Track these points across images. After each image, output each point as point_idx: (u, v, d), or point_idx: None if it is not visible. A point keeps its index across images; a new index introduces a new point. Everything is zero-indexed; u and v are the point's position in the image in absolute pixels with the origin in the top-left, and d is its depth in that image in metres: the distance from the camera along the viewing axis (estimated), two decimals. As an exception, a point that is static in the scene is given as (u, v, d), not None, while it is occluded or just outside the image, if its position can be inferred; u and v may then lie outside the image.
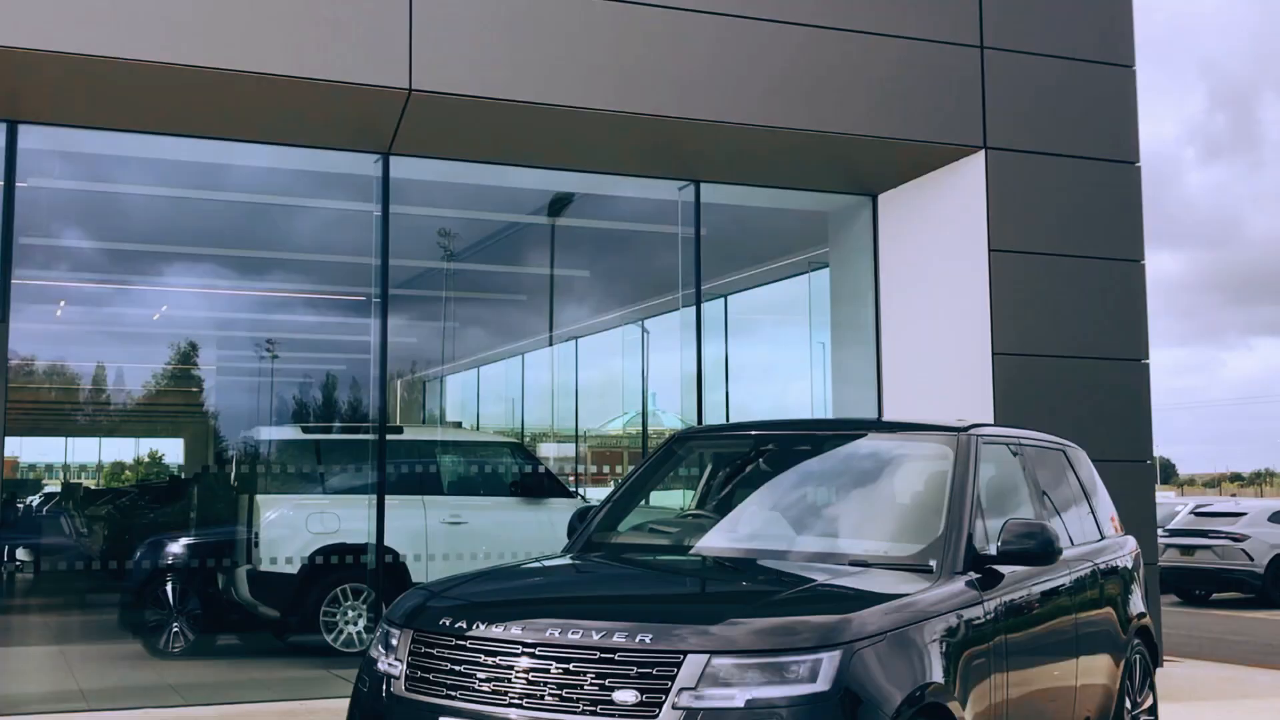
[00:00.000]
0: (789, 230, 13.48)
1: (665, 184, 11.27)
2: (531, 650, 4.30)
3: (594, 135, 9.93)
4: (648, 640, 4.18)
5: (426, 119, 9.39)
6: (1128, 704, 6.71)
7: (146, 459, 18.00)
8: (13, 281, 9.12)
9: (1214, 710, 9.20)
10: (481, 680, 4.34)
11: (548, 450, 17.88)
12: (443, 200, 12.58)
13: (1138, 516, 10.05)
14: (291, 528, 11.06)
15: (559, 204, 13.28)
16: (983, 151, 10.58)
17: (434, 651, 4.51)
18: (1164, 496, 22.70)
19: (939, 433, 5.88)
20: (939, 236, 10.99)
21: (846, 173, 11.14)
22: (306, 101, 9.02)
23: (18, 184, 9.26)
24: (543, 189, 12.23)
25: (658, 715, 4.05)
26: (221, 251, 14.21)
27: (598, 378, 18.36)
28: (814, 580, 4.92)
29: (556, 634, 4.30)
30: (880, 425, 7.30)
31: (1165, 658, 11.08)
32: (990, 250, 10.50)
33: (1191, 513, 21.26)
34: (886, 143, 10.29)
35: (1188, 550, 19.63)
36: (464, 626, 4.48)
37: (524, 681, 4.26)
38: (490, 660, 4.35)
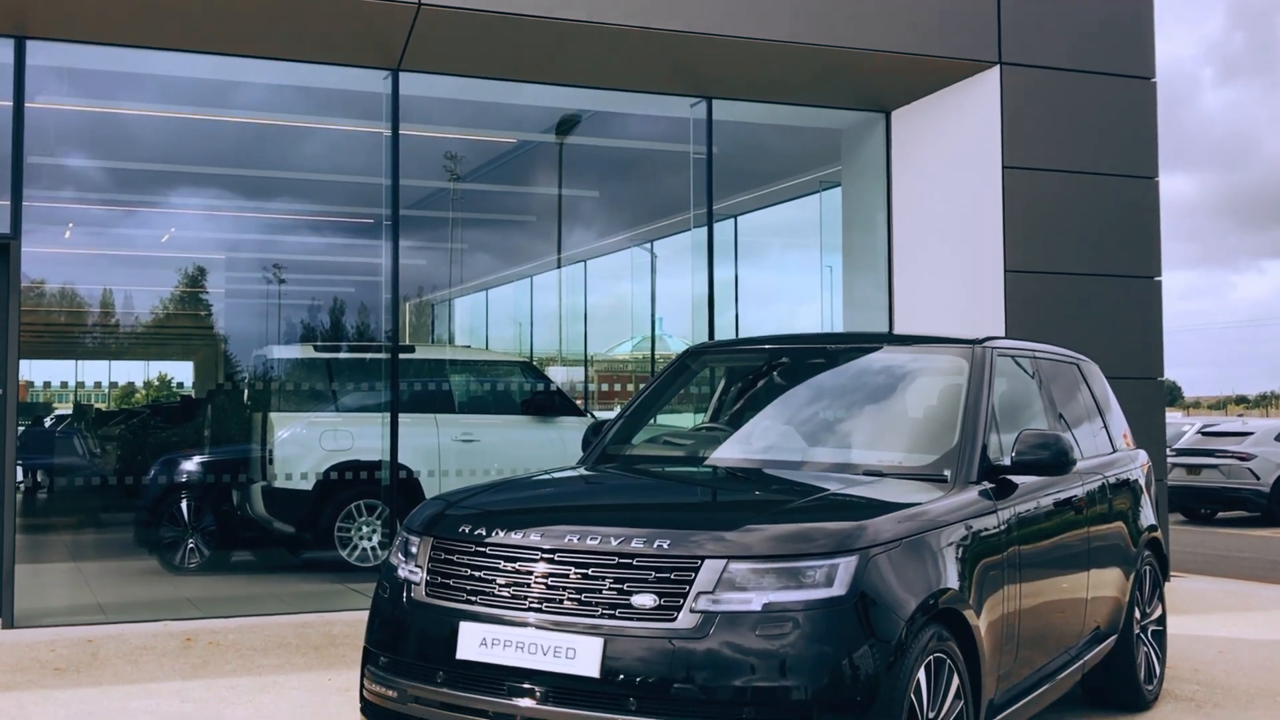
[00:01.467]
0: (801, 148, 13.40)
1: (677, 101, 11.19)
2: (550, 556, 4.34)
3: (606, 50, 9.84)
4: (665, 546, 4.22)
5: (436, 33, 9.30)
6: (1137, 614, 6.78)
7: (156, 381, 18.07)
8: (23, 204, 9.11)
9: (1219, 622, 9.31)
10: (501, 586, 4.39)
11: (555, 375, 17.93)
12: (453, 118, 12.50)
13: (1148, 433, 10.10)
14: (305, 445, 11.15)
15: (569, 123, 13.19)
16: (997, 67, 10.49)
17: (453, 558, 4.56)
18: (1171, 417, 22.75)
19: (954, 345, 5.89)
20: (952, 153, 10.92)
21: (860, 89, 11.05)
22: (316, 15, 8.94)
23: (26, 104, 9.21)
24: (554, 106, 12.15)
25: (675, 619, 4.10)
26: (231, 172, 14.16)
27: (605, 301, 18.35)
28: (829, 489, 4.96)
29: (575, 540, 4.34)
30: (895, 338, 7.30)
31: (1172, 573, 11.18)
32: (1004, 167, 10.45)
33: (1199, 432, 21.35)
34: (900, 58, 10.19)
35: (1194, 469, 19.73)
36: (483, 533, 4.53)
37: (543, 586, 4.31)
38: (509, 566, 4.40)
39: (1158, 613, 7.12)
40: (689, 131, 11.32)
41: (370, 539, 11.02)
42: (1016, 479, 5.36)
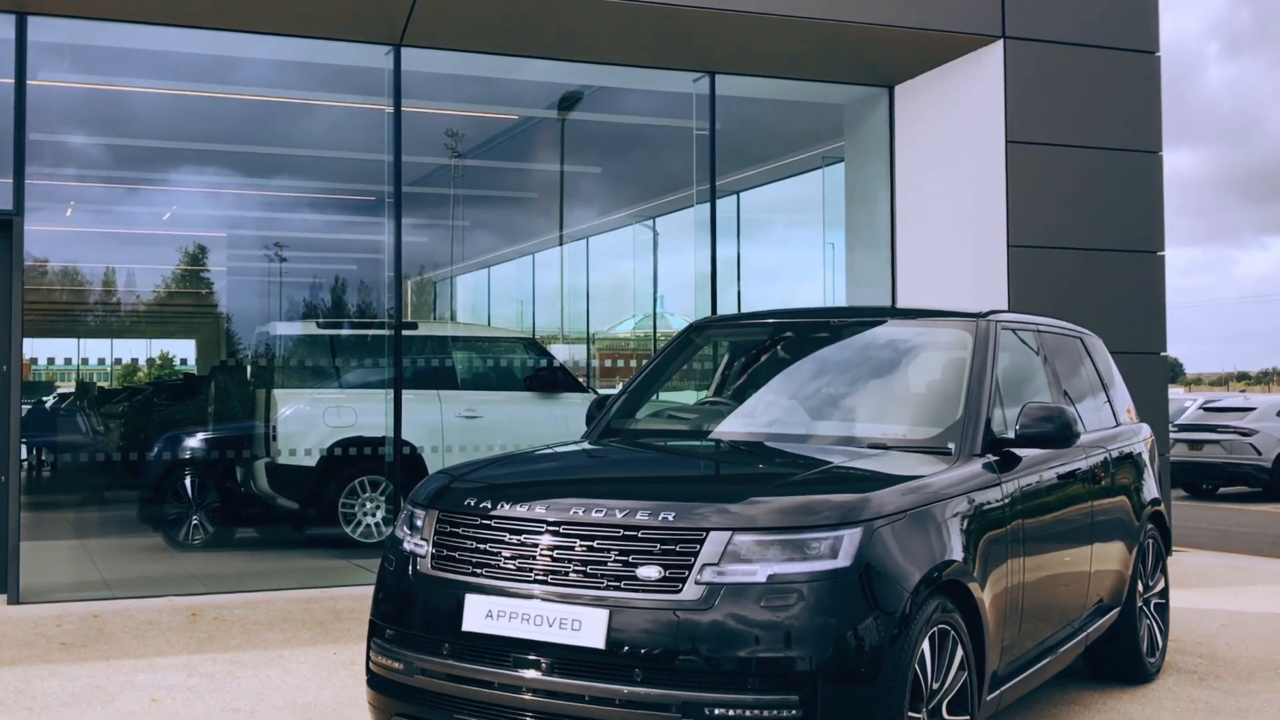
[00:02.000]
0: (803, 124, 13.37)
1: (680, 76, 11.16)
2: (555, 529, 4.35)
3: (609, 25, 9.81)
4: (671, 518, 4.23)
5: (438, 8, 9.27)
6: (1140, 587, 6.79)
7: (158, 359, 18.07)
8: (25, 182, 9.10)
9: (1222, 595, 9.34)
10: (506, 558, 4.40)
11: (557, 353, 17.90)
12: (455, 95, 12.46)
13: (1150, 408, 10.10)
14: (309, 421, 11.16)
15: (571, 99, 13.16)
16: (1001, 41, 10.46)
17: (459, 531, 4.56)
18: (1173, 393, 22.77)
19: (958, 319, 5.89)
20: (956, 128, 10.89)
21: (863, 63, 11.01)
22: (317, -10, 8.91)
23: (28, 81, 9.18)
24: (556, 82, 12.13)
25: (680, 590, 4.11)
26: (232, 149, 14.13)
27: (607, 279, 18.31)
28: (833, 462, 4.97)
29: (580, 513, 4.35)
30: (899, 312, 7.30)
31: (1174, 548, 11.20)
32: (1007, 141, 10.43)
33: (1201, 408, 21.36)
34: (904, 32, 10.15)
35: (1196, 445, 19.74)
36: (488, 506, 4.53)
37: (548, 559, 4.32)
38: (515, 539, 4.41)
39: (1160, 586, 7.14)
40: (691, 107, 11.29)
41: (374, 515, 11.04)
42: (1020, 452, 5.36)
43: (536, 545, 4.36)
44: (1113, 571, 6.40)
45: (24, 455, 9.93)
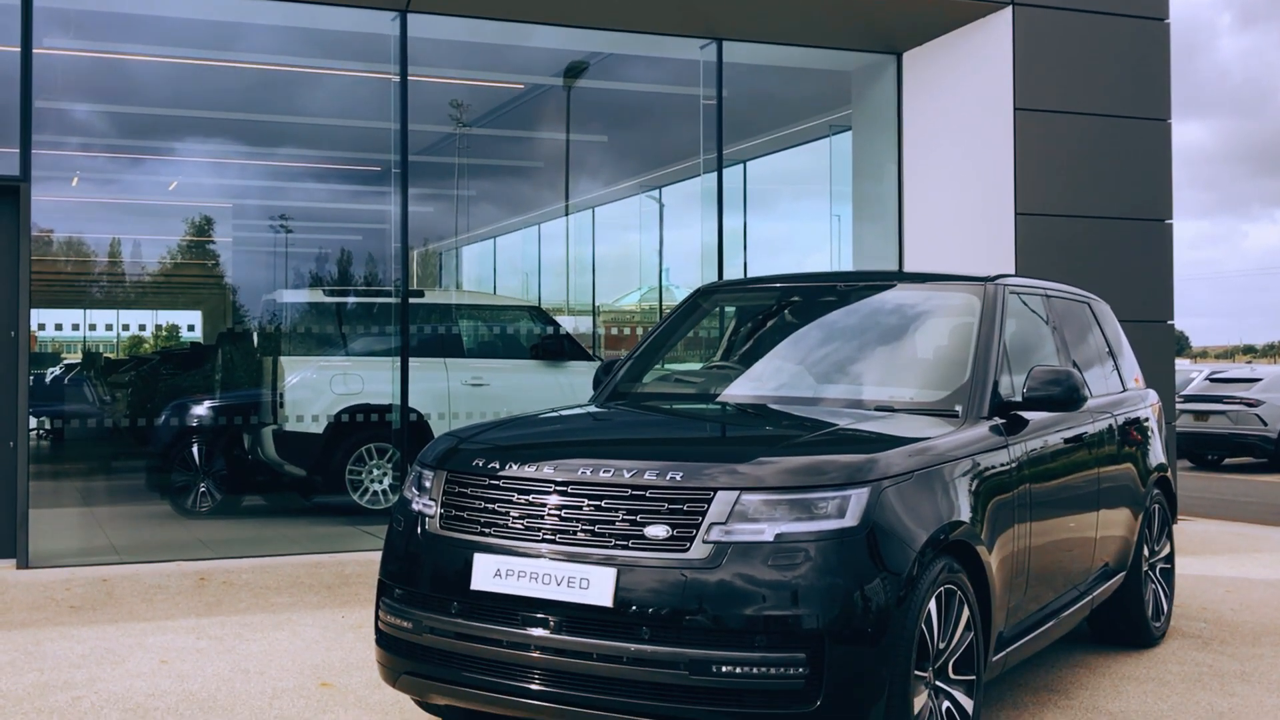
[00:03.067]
0: (811, 92, 13.32)
1: (688, 43, 11.11)
2: (563, 489, 4.36)
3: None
4: (678, 478, 4.24)
5: (444, -26, 9.23)
6: (1145, 552, 6.81)
7: (164, 329, 18.08)
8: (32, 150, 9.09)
9: (1226, 563, 9.36)
10: (514, 518, 4.41)
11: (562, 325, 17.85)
12: (461, 62, 12.42)
13: (1157, 377, 10.09)
14: (316, 389, 11.18)
15: (578, 68, 13.11)
16: (1009, 7, 10.40)
17: (467, 491, 4.58)
18: (1180, 364, 22.73)
19: (966, 283, 5.88)
20: (964, 95, 10.85)
21: (871, 30, 10.96)
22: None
23: (34, 49, 9.16)
24: (563, 49, 12.09)
25: (688, 549, 4.13)
26: (238, 117, 14.10)
27: (612, 251, 18.27)
28: (840, 424, 4.97)
29: (588, 473, 4.36)
30: (907, 276, 7.30)
31: (1179, 516, 11.21)
32: (1016, 109, 10.38)
33: (1207, 379, 21.32)
34: (912, -2, 10.11)
35: (1202, 415, 19.73)
36: (496, 467, 4.55)
37: (556, 518, 4.34)
38: (523, 499, 4.42)
39: (1165, 551, 7.15)
40: (699, 75, 11.25)
41: (381, 482, 11.07)
42: (1028, 415, 5.37)
43: (545, 505, 4.37)
44: (1118, 536, 6.41)
45: (32, 423, 9.96)
